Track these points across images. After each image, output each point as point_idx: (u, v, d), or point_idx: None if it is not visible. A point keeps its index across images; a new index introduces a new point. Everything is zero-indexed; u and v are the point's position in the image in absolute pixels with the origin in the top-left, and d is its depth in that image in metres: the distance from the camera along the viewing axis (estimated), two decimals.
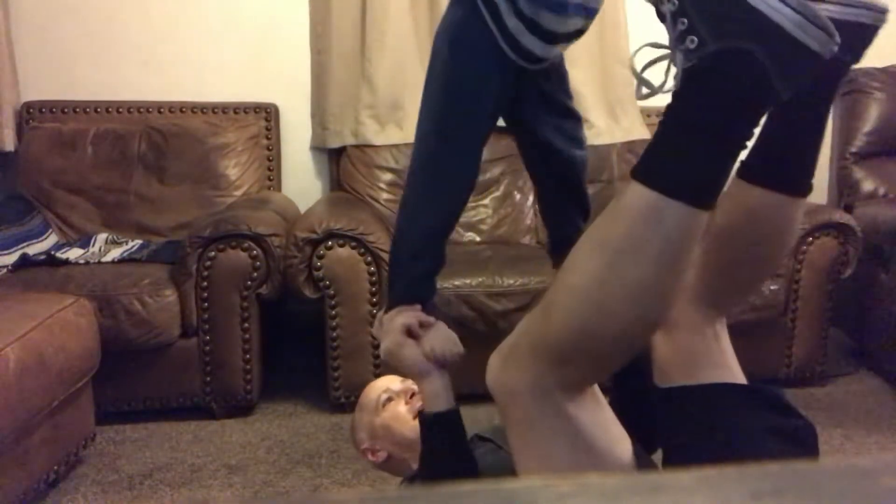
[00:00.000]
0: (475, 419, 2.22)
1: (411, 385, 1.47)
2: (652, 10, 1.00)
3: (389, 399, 1.48)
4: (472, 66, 1.12)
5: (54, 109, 2.76)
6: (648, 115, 3.06)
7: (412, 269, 1.21)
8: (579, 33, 1.17)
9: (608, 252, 0.85)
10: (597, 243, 0.88)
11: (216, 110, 2.85)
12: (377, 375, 2.26)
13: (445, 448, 1.19)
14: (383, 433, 1.47)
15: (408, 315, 1.17)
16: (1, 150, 2.69)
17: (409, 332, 1.16)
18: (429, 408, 1.19)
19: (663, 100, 0.94)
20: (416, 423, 1.43)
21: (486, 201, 2.88)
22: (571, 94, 1.34)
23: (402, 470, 1.49)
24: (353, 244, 2.21)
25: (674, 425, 1.12)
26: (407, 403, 1.47)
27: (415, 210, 1.21)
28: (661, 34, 1.49)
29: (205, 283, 2.17)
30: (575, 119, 1.35)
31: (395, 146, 2.84)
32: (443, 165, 1.19)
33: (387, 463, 1.51)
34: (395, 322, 1.17)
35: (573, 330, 0.88)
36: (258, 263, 2.19)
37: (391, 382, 1.53)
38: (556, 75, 1.27)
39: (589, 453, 0.95)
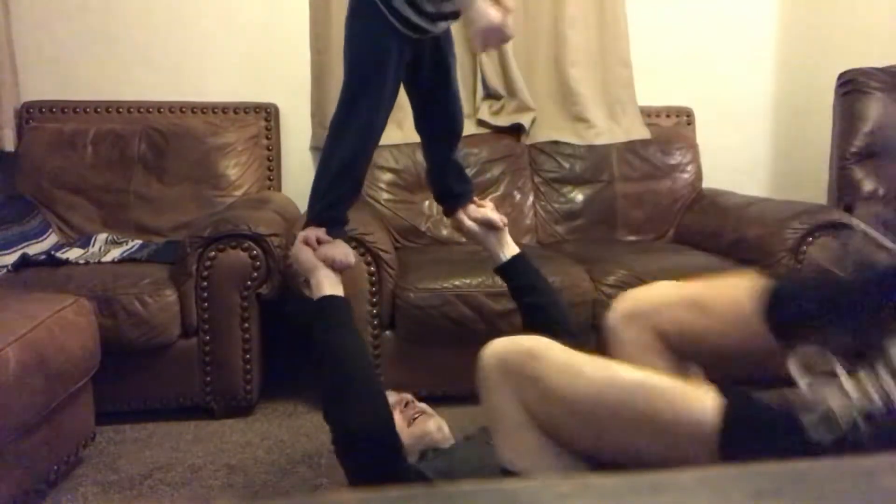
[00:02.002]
0: (475, 419, 2.22)
1: (406, 395, 1.51)
2: (652, 10, 1.00)
3: None
4: (370, 35, 1.42)
5: (54, 109, 2.76)
6: (648, 115, 3.06)
7: (324, 197, 1.48)
8: (458, 14, 1.45)
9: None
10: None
11: (216, 110, 2.85)
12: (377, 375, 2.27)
13: (327, 326, 1.43)
14: None
15: (311, 231, 1.47)
16: (1, 150, 2.69)
17: (307, 243, 1.46)
18: (321, 291, 1.45)
19: (663, 98, 0.94)
20: (412, 430, 1.44)
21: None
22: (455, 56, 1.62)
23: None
24: (353, 244, 2.21)
25: None
26: (401, 412, 1.49)
27: (331, 147, 1.48)
28: (661, 34, 1.49)
29: (205, 283, 2.17)
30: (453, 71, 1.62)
31: (395, 146, 2.84)
32: (353, 112, 1.44)
33: None
34: (302, 235, 1.48)
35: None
36: (258, 263, 2.19)
37: (386, 395, 1.54)
38: (447, 40, 1.55)
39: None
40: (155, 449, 2.07)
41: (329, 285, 1.45)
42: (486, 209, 1.73)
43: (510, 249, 1.73)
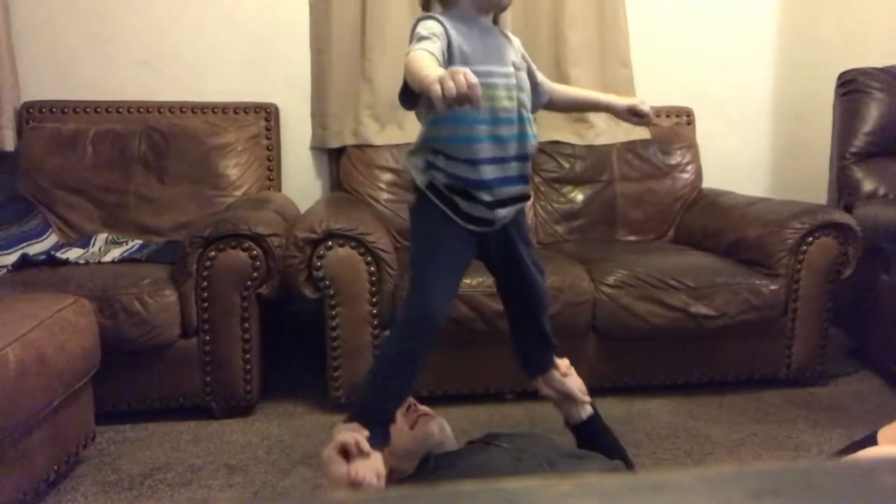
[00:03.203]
0: (475, 419, 2.23)
1: (407, 398, 1.50)
2: (652, 10, 1.01)
3: None
4: (426, 230, 1.45)
5: (54, 109, 2.76)
6: None
7: (375, 393, 1.39)
8: (522, 198, 1.48)
9: None
10: None
11: (216, 110, 2.85)
12: None
13: None
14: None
15: (351, 434, 1.32)
16: (1, 150, 2.69)
17: (345, 451, 1.31)
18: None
19: (663, 99, 0.94)
20: (413, 433, 1.44)
21: None
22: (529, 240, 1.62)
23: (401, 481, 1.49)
24: (353, 244, 2.21)
25: None
26: (403, 416, 1.48)
27: (387, 341, 1.47)
28: (661, 34, 1.49)
29: (205, 283, 2.17)
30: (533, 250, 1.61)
31: (395, 146, 2.84)
32: (410, 304, 1.42)
33: (388, 478, 1.51)
34: (340, 437, 1.32)
35: None
36: (258, 263, 2.19)
37: None
38: (518, 232, 1.54)
39: None
40: (155, 449, 2.07)
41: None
42: (568, 381, 1.66)
43: (585, 412, 1.68)
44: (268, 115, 2.88)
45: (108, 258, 2.38)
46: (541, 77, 1.62)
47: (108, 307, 2.08)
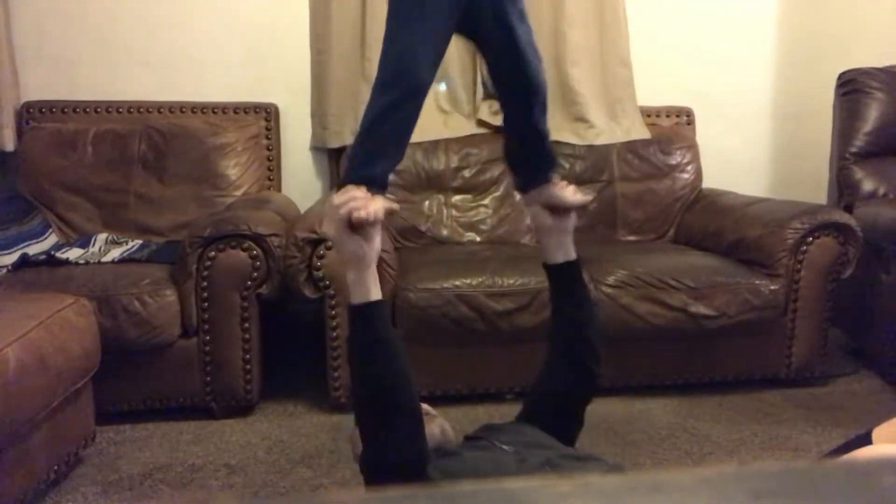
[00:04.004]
0: (475, 419, 2.23)
1: None
2: (652, 10, 1.02)
3: None
4: None
5: (54, 109, 2.76)
6: (648, 115, 3.06)
7: (356, 156, 1.31)
8: None
9: None
10: None
11: (216, 110, 2.85)
12: None
13: (364, 338, 1.27)
14: None
15: (346, 193, 1.24)
16: (1, 150, 2.69)
17: (351, 225, 1.23)
18: (353, 298, 1.27)
19: (663, 99, 0.94)
20: None
21: (486, 201, 2.88)
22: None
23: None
24: None
25: None
26: None
27: (369, 100, 1.33)
28: (661, 34, 1.49)
29: (205, 283, 2.17)
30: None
31: None
32: (388, 56, 1.31)
33: None
34: (335, 200, 1.24)
35: None
36: (258, 263, 2.19)
37: None
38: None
39: None
40: (155, 449, 2.07)
41: (360, 288, 1.26)
42: (567, 190, 1.52)
43: (567, 254, 1.58)
44: (268, 115, 2.88)
45: (108, 258, 2.38)
46: None
47: (108, 307, 2.08)
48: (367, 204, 1.22)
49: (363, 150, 1.31)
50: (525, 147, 1.50)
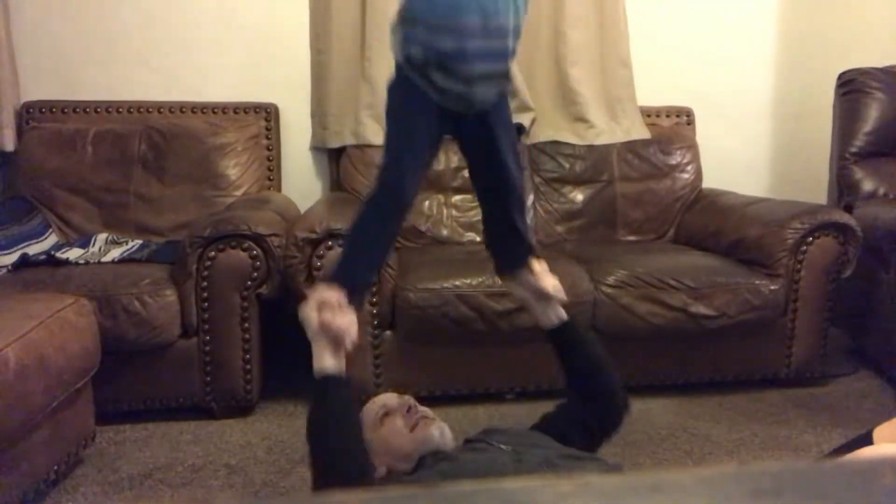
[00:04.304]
0: (475, 419, 2.23)
1: (409, 400, 1.50)
2: (652, 10, 1.02)
3: (386, 414, 1.49)
4: (402, 107, 1.42)
5: (54, 109, 2.76)
6: (648, 115, 3.06)
7: (346, 260, 1.44)
8: (503, 76, 1.43)
9: None
10: None
11: (216, 110, 2.85)
12: (377, 383, 2.27)
13: (320, 407, 1.38)
14: (383, 448, 1.46)
15: (329, 293, 1.36)
16: (1, 150, 2.69)
17: (320, 306, 1.35)
18: (316, 370, 1.38)
19: (663, 99, 0.94)
20: (413, 436, 1.44)
21: None
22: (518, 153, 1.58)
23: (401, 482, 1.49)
24: None
25: None
26: (403, 417, 1.47)
27: (360, 209, 1.45)
28: (661, 34, 1.49)
29: (205, 283, 2.17)
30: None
31: None
32: (383, 177, 1.44)
33: (386, 479, 1.50)
34: (318, 294, 1.38)
35: None
36: (258, 263, 2.19)
37: (388, 399, 1.55)
38: (498, 119, 1.47)
39: None
40: (155, 449, 2.07)
41: (328, 360, 1.37)
42: (542, 278, 1.58)
43: (557, 316, 1.62)
44: (268, 115, 2.88)
45: (108, 258, 2.38)
46: None
47: (108, 307, 2.08)
48: (339, 321, 1.34)
49: (350, 255, 1.45)
50: (502, 238, 1.59)
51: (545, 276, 1.59)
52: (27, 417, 1.62)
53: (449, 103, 1.38)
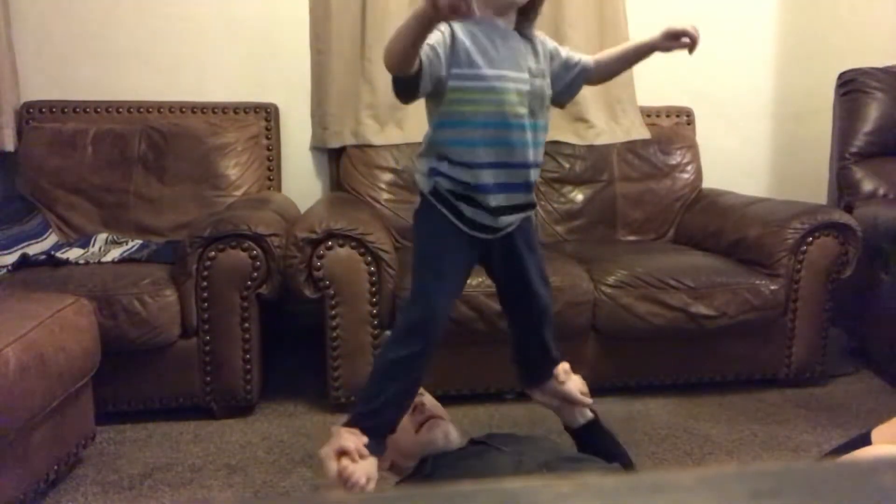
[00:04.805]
0: (475, 419, 2.23)
1: (419, 398, 1.49)
2: (652, 10, 1.02)
3: None
4: (428, 237, 1.44)
5: (54, 109, 2.76)
6: (648, 115, 3.06)
7: (371, 400, 1.39)
8: (527, 206, 1.46)
9: None
10: None
11: (216, 110, 2.85)
12: None
13: None
14: (389, 444, 1.46)
15: (351, 438, 1.35)
16: (1, 150, 2.69)
17: (342, 453, 1.34)
18: None
19: (663, 99, 0.94)
20: (417, 437, 1.44)
21: None
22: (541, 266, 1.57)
23: (404, 474, 1.50)
24: (353, 244, 2.21)
25: None
26: (410, 416, 1.47)
27: (385, 347, 1.45)
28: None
29: (205, 283, 2.17)
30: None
31: (395, 146, 2.84)
32: (410, 311, 1.42)
33: (390, 470, 1.52)
34: (339, 439, 1.36)
35: None
36: (258, 263, 2.19)
37: None
38: (526, 243, 1.50)
39: None
40: (155, 449, 2.07)
41: None
42: (566, 387, 1.58)
43: (583, 416, 1.63)
44: (268, 115, 2.88)
45: (108, 258, 2.38)
46: (577, 59, 1.57)
47: (108, 307, 2.08)
48: (357, 474, 1.32)
49: (375, 395, 1.39)
50: (530, 355, 1.60)
51: (569, 381, 1.59)
52: (27, 417, 1.62)
53: (475, 230, 1.41)
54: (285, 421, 2.26)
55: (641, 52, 1.67)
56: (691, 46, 1.61)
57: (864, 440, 1.22)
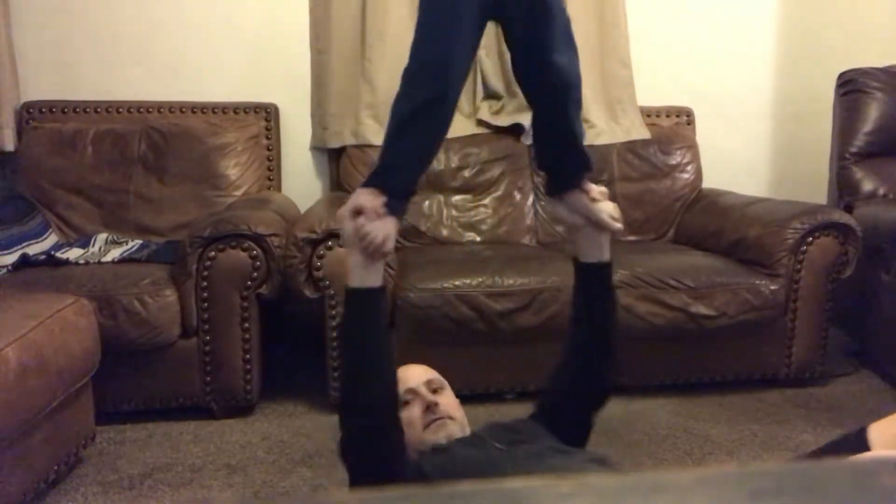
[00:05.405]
0: (475, 419, 2.22)
1: (431, 398, 1.47)
2: (652, 10, 1.02)
3: (407, 402, 1.48)
4: None
5: (54, 109, 2.76)
6: (648, 115, 3.06)
7: (386, 154, 1.31)
8: None
9: None
10: None
11: (216, 110, 2.85)
12: None
13: (350, 321, 1.35)
14: None
15: (368, 198, 1.28)
16: (1, 150, 2.69)
17: (357, 211, 1.28)
18: (349, 281, 1.33)
19: (663, 98, 0.95)
20: (423, 435, 1.44)
21: (487, 201, 2.88)
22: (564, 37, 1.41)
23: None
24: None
25: None
26: (422, 414, 1.46)
27: (398, 95, 1.29)
28: (661, 34, 1.50)
29: (205, 283, 2.17)
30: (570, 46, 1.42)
31: None
32: (421, 50, 1.28)
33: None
34: (356, 197, 1.29)
35: None
36: (258, 263, 2.19)
37: (420, 378, 1.52)
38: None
39: None
40: (155, 449, 2.07)
41: (359, 271, 1.30)
42: (599, 203, 1.41)
43: (601, 254, 1.49)
44: (268, 115, 2.88)
45: (108, 258, 2.38)
46: None
47: (108, 307, 2.08)
48: (378, 230, 1.26)
49: (389, 155, 1.31)
50: (556, 148, 1.43)
51: (602, 202, 1.43)
52: (27, 417, 1.62)
53: None
54: (285, 421, 2.26)
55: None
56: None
57: (860, 437, 1.22)
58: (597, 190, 1.43)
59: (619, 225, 1.43)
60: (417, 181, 1.34)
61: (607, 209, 1.42)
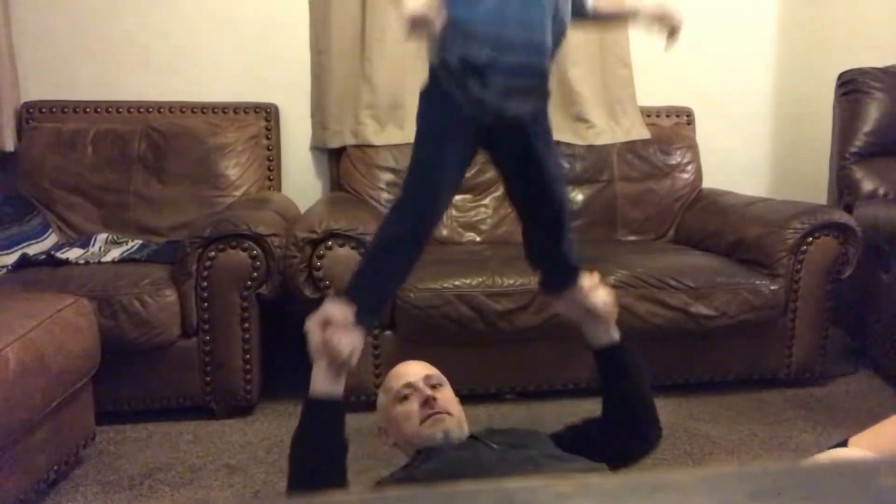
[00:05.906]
0: (475, 419, 2.22)
1: (428, 393, 1.48)
2: None
3: (406, 396, 1.49)
4: (432, 118, 1.37)
5: (54, 109, 2.76)
6: (648, 115, 3.06)
7: (363, 275, 1.40)
8: (535, 91, 1.37)
9: None
10: None
11: (216, 110, 2.85)
12: (377, 383, 2.27)
13: (305, 429, 1.38)
14: (393, 425, 1.51)
15: (337, 310, 1.33)
16: (1, 150, 2.69)
17: (326, 321, 1.33)
18: (310, 387, 1.37)
19: (663, 99, 0.95)
20: (420, 430, 1.44)
21: (486, 201, 2.88)
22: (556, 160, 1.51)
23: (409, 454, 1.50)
24: (353, 244, 2.21)
25: None
26: (420, 407, 1.47)
27: (381, 225, 1.41)
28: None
29: (205, 283, 2.17)
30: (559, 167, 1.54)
31: (395, 146, 2.84)
32: (408, 192, 1.39)
33: (394, 447, 1.54)
34: (326, 309, 1.35)
35: None
36: (258, 263, 2.19)
37: (419, 374, 1.54)
38: (538, 131, 1.41)
39: None
40: (155, 449, 2.07)
41: (322, 382, 1.36)
42: (592, 295, 1.50)
43: (610, 335, 1.56)
44: (268, 115, 2.88)
45: (108, 258, 2.38)
46: None
47: (108, 307, 2.08)
48: (340, 343, 1.31)
49: (365, 271, 1.40)
50: (546, 260, 1.54)
51: (595, 292, 1.52)
52: (27, 417, 1.62)
53: (481, 114, 1.33)
54: (285, 421, 2.26)
55: (628, 15, 1.55)
56: (670, 36, 1.48)
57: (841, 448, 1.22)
58: (588, 282, 1.52)
59: (614, 311, 1.53)
60: (387, 302, 1.42)
61: (601, 298, 1.52)
